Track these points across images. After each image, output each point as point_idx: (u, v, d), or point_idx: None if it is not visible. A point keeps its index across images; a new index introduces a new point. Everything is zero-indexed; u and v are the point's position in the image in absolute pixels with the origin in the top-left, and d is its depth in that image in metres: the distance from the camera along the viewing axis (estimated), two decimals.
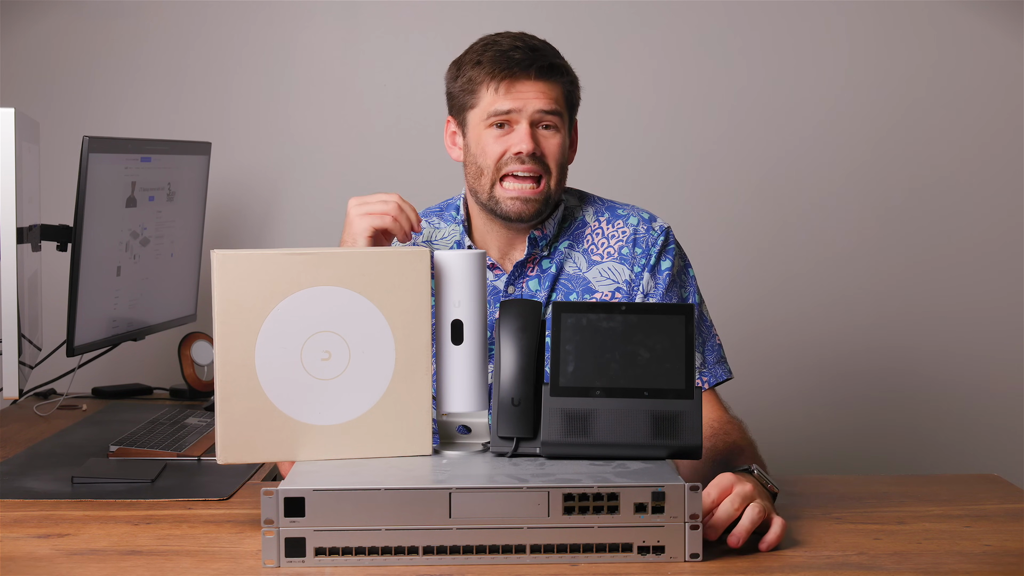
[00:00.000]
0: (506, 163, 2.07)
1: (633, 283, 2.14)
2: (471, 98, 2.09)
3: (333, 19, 3.30)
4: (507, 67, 2.06)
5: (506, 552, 1.59)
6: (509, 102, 2.06)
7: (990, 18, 3.29)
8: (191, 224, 2.95)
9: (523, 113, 2.06)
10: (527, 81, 2.07)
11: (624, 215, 2.19)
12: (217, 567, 1.62)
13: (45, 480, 2.09)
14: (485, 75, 2.07)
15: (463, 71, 2.10)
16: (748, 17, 3.29)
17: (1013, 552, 1.68)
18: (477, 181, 2.10)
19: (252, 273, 1.71)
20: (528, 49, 2.08)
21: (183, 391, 2.91)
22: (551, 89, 2.08)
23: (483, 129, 2.08)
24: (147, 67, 3.29)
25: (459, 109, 2.13)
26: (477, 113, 2.09)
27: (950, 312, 3.34)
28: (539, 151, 2.07)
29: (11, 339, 2.18)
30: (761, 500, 1.70)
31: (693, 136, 3.32)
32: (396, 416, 1.74)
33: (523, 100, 2.06)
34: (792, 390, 3.35)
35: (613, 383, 1.74)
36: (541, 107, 2.07)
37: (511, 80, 2.06)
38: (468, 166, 2.12)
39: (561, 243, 2.16)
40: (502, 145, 2.07)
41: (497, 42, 2.10)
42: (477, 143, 2.09)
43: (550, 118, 2.08)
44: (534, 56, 2.07)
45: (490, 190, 2.08)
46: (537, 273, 2.15)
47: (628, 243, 2.16)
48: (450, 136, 2.17)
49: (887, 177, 3.32)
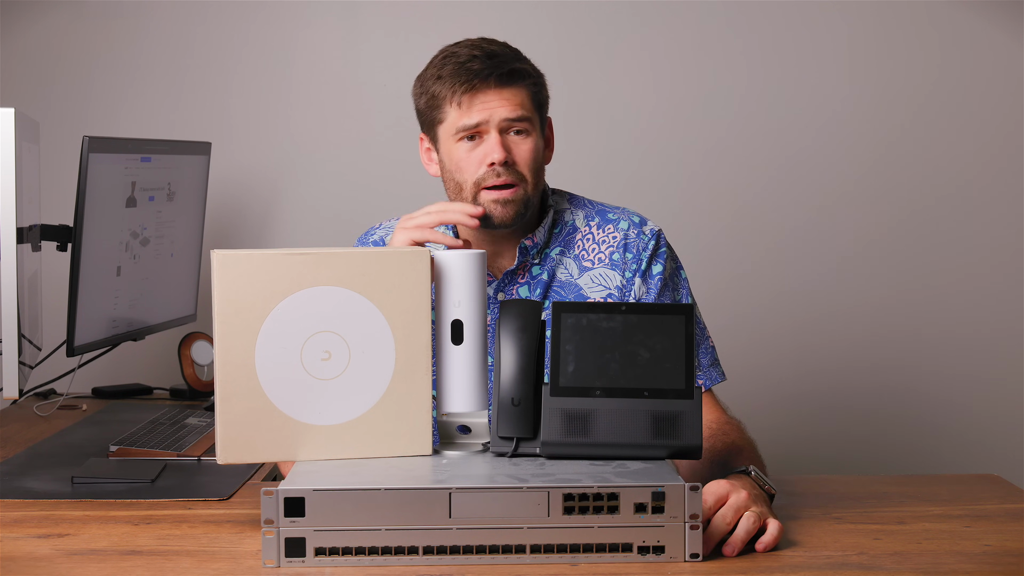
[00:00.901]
0: (484, 177, 2.04)
1: (624, 288, 2.12)
2: (437, 114, 2.07)
3: (333, 19, 3.30)
4: (467, 79, 2.03)
5: (506, 552, 1.59)
6: (475, 115, 2.04)
7: (990, 18, 3.29)
8: (191, 224, 2.95)
9: (491, 123, 2.04)
10: (489, 91, 2.04)
11: (614, 219, 2.16)
12: (217, 567, 1.62)
13: (45, 480, 2.09)
14: (447, 90, 2.05)
15: (426, 87, 2.09)
16: (747, 18, 3.29)
17: (1013, 552, 1.68)
18: (458, 196, 2.08)
19: (252, 273, 1.71)
20: (486, 57, 2.05)
21: (183, 391, 2.91)
22: (515, 95, 2.05)
23: (454, 144, 2.06)
24: (147, 67, 3.29)
25: (429, 125, 2.11)
26: (446, 128, 2.07)
27: (950, 312, 3.34)
28: (511, 159, 2.04)
29: (11, 339, 2.18)
30: (756, 507, 1.69)
31: (693, 138, 3.32)
32: (396, 416, 1.74)
33: (488, 110, 2.03)
34: (792, 390, 3.35)
35: (613, 383, 1.74)
36: (507, 115, 2.04)
37: (472, 92, 2.03)
38: (446, 182, 2.11)
39: (552, 250, 2.14)
40: (476, 158, 2.05)
41: (455, 53, 2.07)
42: (450, 158, 2.07)
43: (519, 124, 2.06)
44: (492, 64, 2.04)
45: (472, 200, 2.06)
46: (527, 280, 2.13)
47: (619, 248, 2.14)
48: (425, 153, 2.15)
49: (886, 179, 3.32)
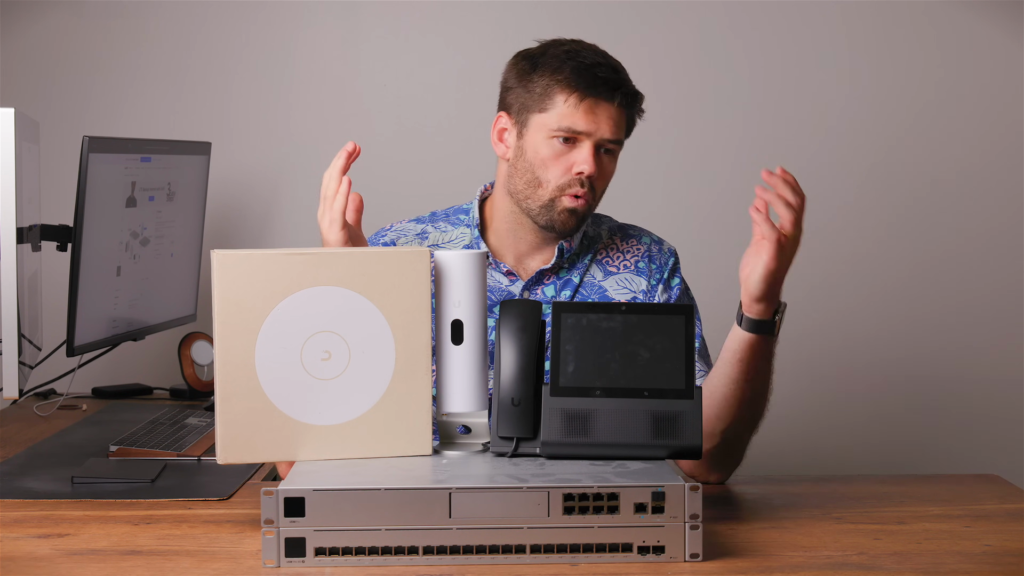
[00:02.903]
0: (568, 184, 2.03)
1: (649, 293, 2.16)
2: (542, 102, 2.03)
3: (333, 19, 3.30)
4: (591, 86, 2.01)
5: (506, 552, 1.59)
6: (584, 123, 2.01)
7: (990, 18, 3.29)
8: (191, 224, 2.95)
9: (593, 136, 2.02)
10: (607, 105, 2.02)
11: (636, 235, 2.22)
12: (217, 567, 1.62)
13: (45, 480, 2.09)
14: (566, 87, 2.01)
15: (539, 74, 2.04)
16: (747, 18, 3.29)
17: (1013, 552, 1.68)
18: (531, 189, 2.05)
19: (252, 273, 1.71)
20: (611, 70, 2.03)
21: (183, 391, 2.91)
22: (623, 118, 2.05)
23: (546, 139, 2.03)
24: (147, 67, 3.29)
25: (522, 109, 2.06)
26: (544, 120, 2.03)
27: (950, 312, 3.34)
28: (595, 175, 2.04)
29: (11, 339, 2.18)
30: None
31: (693, 139, 3.32)
32: (396, 416, 1.74)
33: (597, 124, 2.02)
34: (792, 390, 3.35)
35: (613, 383, 1.74)
36: (609, 136, 2.03)
37: (593, 100, 2.01)
38: (519, 170, 2.07)
39: (585, 258, 2.17)
40: (565, 162, 2.03)
41: (579, 52, 2.04)
42: (536, 152, 2.04)
43: (614, 145, 2.05)
44: (618, 80, 2.03)
45: (548, 200, 2.05)
46: (553, 281, 2.14)
47: (644, 258, 2.18)
48: (499, 132, 2.10)
49: (886, 179, 3.32)
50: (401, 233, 2.19)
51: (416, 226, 2.20)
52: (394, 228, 2.21)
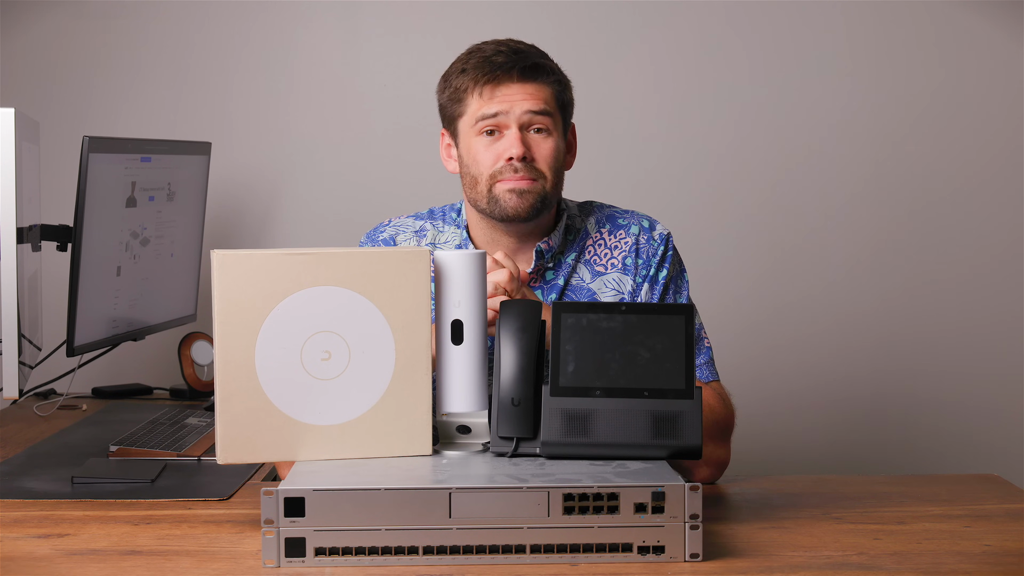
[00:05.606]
0: (500, 171, 2.05)
1: (634, 293, 2.15)
2: (459, 107, 2.08)
3: (333, 19, 3.30)
4: (490, 71, 2.05)
5: (506, 552, 1.59)
6: (495, 105, 2.05)
7: (990, 18, 3.29)
8: (191, 224, 2.95)
9: (511, 116, 2.05)
10: (511, 83, 2.05)
11: (625, 224, 2.18)
12: (217, 567, 1.62)
13: (45, 480, 2.09)
14: (470, 81, 2.06)
15: (450, 81, 2.10)
16: (748, 18, 3.29)
17: (1013, 552, 1.68)
18: (473, 190, 2.08)
19: (252, 273, 1.71)
20: (511, 52, 2.07)
21: (183, 391, 2.91)
22: (538, 90, 2.07)
23: (473, 137, 2.07)
24: (147, 67, 3.29)
25: (450, 120, 2.12)
26: (466, 121, 2.08)
27: (950, 312, 3.34)
28: (530, 155, 2.05)
29: (11, 339, 2.18)
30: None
31: (693, 140, 3.32)
32: (396, 416, 1.74)
33: (509, 102, 2.05)
34: (792, 390, 3.35)
35: (613, 383, 1.74)
36: (529, 108, 2.05)
37: (495, 83, 2.05)
38: (464, 177, 2.11)
39: (568, 256, 2.16)
40: (493, 152, 2.05)
41: (481, 49, 2.09)
42: (468, 152, 2.08)
43: (540, 119, 2.06)
44: (516, 58, 2.06)
45: (487, 193, 2.06)
46: (540, 284, 2.14)
47: (631, 253, 2.16)
48: (445, 149, 2.16)
49: (885, 179, 3.32)
50: (400, 229, 2.19)
51: (415, 222, 2.20)
52: (392, 223, 2.21)
